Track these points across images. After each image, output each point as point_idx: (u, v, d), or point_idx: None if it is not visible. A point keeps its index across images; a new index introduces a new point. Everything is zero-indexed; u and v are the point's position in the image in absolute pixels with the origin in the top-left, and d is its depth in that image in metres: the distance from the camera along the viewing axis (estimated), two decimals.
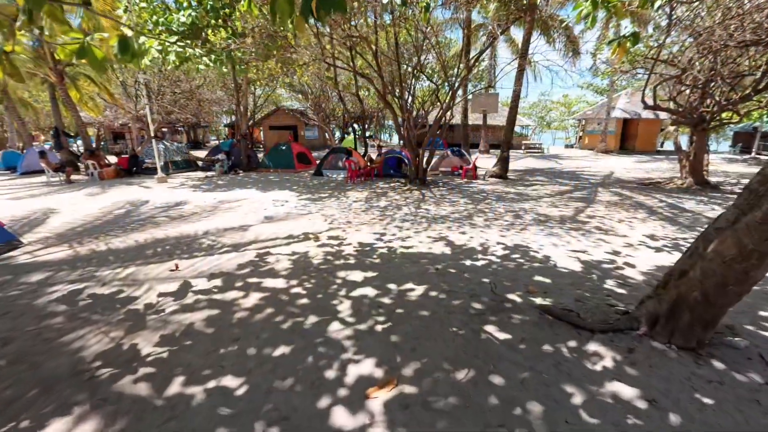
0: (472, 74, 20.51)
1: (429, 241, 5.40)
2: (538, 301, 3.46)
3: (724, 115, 10.49)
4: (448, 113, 10.59)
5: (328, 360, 2.62)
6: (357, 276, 4.13)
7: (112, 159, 17.16)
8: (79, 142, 19.15)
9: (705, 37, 7.96)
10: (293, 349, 2.76)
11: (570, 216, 7.03)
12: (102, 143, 29.90)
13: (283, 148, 14.86)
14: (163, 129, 32.93)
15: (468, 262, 4.53)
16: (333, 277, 4.11)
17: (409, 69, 10.73)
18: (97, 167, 13.44)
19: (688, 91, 10.76)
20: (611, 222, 6.57)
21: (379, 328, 3.04)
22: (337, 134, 31.60)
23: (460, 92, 17.96)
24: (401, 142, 11.30)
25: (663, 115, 23.68)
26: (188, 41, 7.79)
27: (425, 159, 11.22)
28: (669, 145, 31.64)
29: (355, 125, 34.95)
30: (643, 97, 10.43)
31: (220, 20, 8.22)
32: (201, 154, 19.97)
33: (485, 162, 16.73)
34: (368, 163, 12.76)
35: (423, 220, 6.68)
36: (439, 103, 10.67)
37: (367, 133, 36.33)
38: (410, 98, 11.37)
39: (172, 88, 19.64)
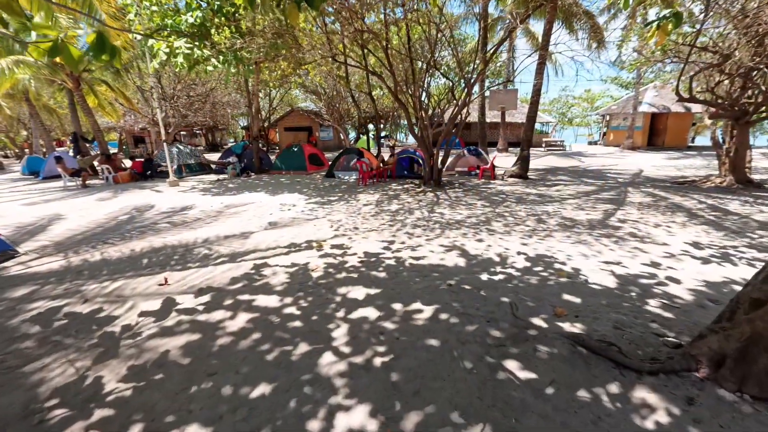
0: (490, 70, 19.80)
1: (441, 251, 4.91)
2: (568, 327, 2.94)
3: None
4: (464, 110, 10.04)
5: (314, 405, 2.19)
6: (359, 293, 3.68)
7: (129, 163, 17.32)
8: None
9: (751, 19, 7.17)
10: (275, 389, 2.34)
11: (599, 220, 6.40)
12: (124, 147, 30.60)
13: (295, 149, 14.58)
14: (182, 132, 33.51)
15: (485, 277, 4.02)
16: (332, 294, 3.68)
17: (423, 66, 10.23)
18: (111, 171, 13.50)
19: (728, 81, 9.87)
20: (647, 227, 5.91)
21: (377, 361, 2.58)
22: (352, 134, 31.29)
23: (476, 89, 17.33)
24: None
25: (695, 108, 22.36)
26: (196, 43, 7.56)
27: (440, 159, 10.70)
28: (700, 141, 29.98)
29: (371, 125, 34.48)
30: (677, 89, 9.61)
31: (224, 18, 7.96)
32: (218, 156, 19.94)
33: (504, 161, 16.04)
34: (381, 164, 12.32)
35: (436, 226, 6.18)
36: (455, 101, 10.14)
37: (383, 133, 35.92)
38: (425, 96, 10.89)
39: (186, 91, 19.75)
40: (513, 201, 8.25)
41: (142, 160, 15.17)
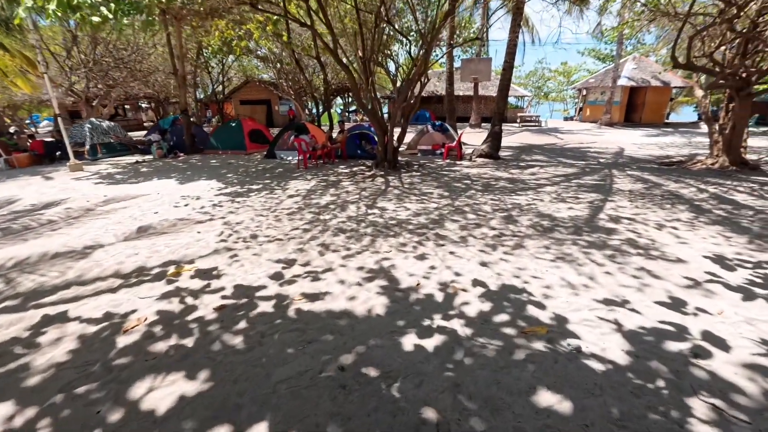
0: (461, 36, 17.83)
1: (357, 280, 3.23)
2: None
3: None
4: (423, 77, 8.24)
5: None
6: (168, 393, 1.97)
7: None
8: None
9: None
10: None
11: (585, 218, 4.88)
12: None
13: (233, 125, 12.41)
14: (125, 106, 29.95)
15: (409, 342, 2.38)
16: (115, 399, 1.95)
17: (373, 20, 8.23)
18: (2, 154, 11.05)
19: (726, 46, 8.47)
20: (647, 229, 4.43)
21: None
22: (316, 109, 28.81)
23: (442, 50, 15.36)
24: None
25: (675, 81, 21.25)
26: None
27: (397, 135, 8.94)
28: (674, 117, 29.24)
29: (339, 99, 31.76)
30: (673, 53, 8.10)
31: None
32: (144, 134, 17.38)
33: (475, 138, 14.38)
34: (328, 142, 10.41)
35: (368, 231, 4.49)
36: (412, 62, 8.30)
37: (351, 108, 33.31)
38: (394, 67, 9.00)
39: (112, 55, 16.80)
40: (478, 188, 6.65)
41: (45, 140, 12.64)
